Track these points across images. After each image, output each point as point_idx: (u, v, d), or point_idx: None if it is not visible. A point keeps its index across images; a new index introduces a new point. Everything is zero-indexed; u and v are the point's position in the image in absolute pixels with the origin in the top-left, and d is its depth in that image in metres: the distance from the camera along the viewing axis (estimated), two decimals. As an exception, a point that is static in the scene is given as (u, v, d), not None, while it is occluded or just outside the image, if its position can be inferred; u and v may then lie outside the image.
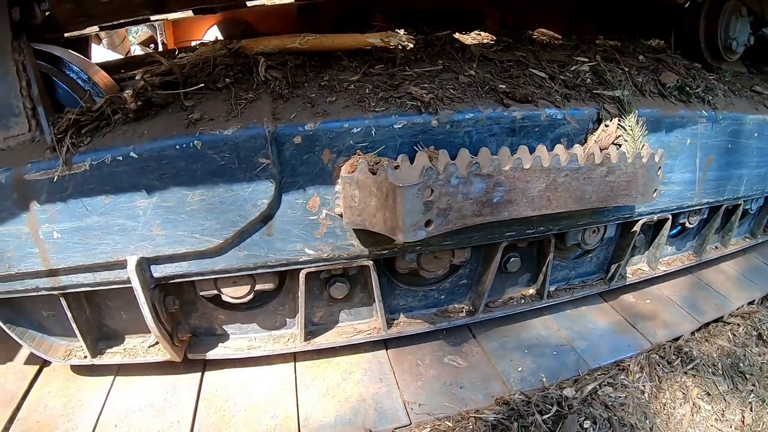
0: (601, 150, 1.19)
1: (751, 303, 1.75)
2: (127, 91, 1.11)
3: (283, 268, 1.14)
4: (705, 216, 1.67)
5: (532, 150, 1.13)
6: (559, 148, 1.15)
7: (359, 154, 1.05)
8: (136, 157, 1.05)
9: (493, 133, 1.14)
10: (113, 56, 2.72)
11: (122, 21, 1.35)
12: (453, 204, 0.99)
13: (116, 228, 1.09)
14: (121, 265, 1.10)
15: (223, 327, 1.25)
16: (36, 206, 1.05)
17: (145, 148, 1.05)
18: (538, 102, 1.18)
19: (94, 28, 1.42)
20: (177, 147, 1.04)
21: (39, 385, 1.26)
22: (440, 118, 1.09)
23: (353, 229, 1.12)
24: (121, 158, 1.05)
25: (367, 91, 1.13)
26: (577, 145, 1.19)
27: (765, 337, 1.62)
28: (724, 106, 1.54)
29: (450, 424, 1.16)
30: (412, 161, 1.05)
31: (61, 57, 1.21)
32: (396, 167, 1.03)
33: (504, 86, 1.19)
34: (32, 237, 1.07)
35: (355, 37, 1.21)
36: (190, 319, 1.24)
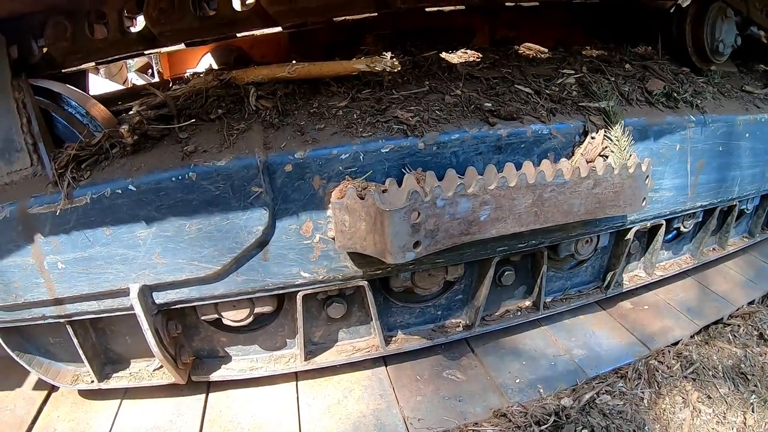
0: (587, 162, 1.21)
1: (751, 303, 1.76)
2: (123, 126, 1.15)
3: (280, 291, 1.17)
4: (700, 219, 1.68)
5: (518, 166, 1.16)
6: (545, 164, 1.18)
7: (348, 180, 1.08)
8: (134, 189, 1.09)
9: (479, 151, 1.17)
10: (111, 85, 2.78)
11: (117, 56, 1.40)
12: (440, 225, 1.03)
13: (118, 258, 1.13)
14: (125, 292, 1.14)
15: (226, 349, 1.29)
16: (40, 238, 1.09)
17: (142, 180, 1.09)
18: (524, 118, 1.21)
19: (91, 64, 1.47)
20: (173, 179, 1.09)
21: (47, 410, 1.30)
22: (426, 141, 1.12)
23: (347, 253, 1.15)
24: (120, 191, 1.09)
25: (355, 116, 1.16)
26: (563, 159, 1.22)
27: (766, 336, 1.62)
28: (714, 109, 1.56)
29: (449, 438, 1.19)
30: (399, 184, 1.09)
31: (60, 92, 1.25)
32: (384, 191, 1.07)
33: (489, 104, 1.22)
34: (38, 268, 1.12)
35: (342, 63, 1.25)
36: (192, 343, 1.28)
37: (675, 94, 1.48)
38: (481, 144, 1.16)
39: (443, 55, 1.50)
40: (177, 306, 1.18)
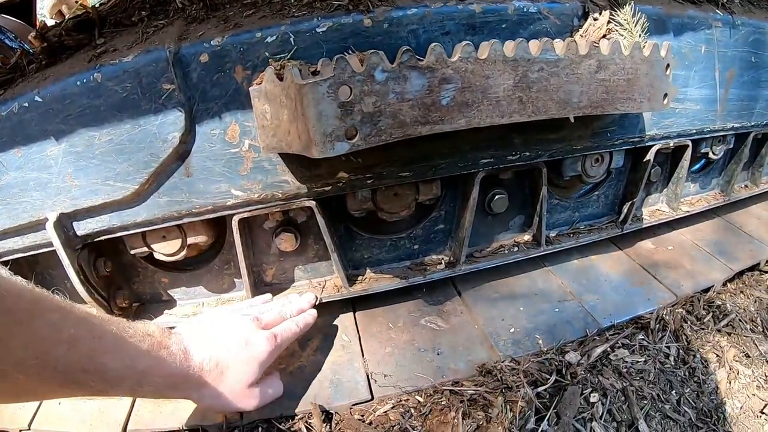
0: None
1: (792, 247, 1.25)
2: (31, 34, 0.84)
3: (211, 215, 0.81)
4: (731, 146, 1.20)
5: (498, 51, 0.76)
6: (532, 41, 0.76)
7: (271, 63, 0.71)
8: (41, 100, 0.76)
9: (446, 31, 0.77)
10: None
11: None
12: (383, 107, 0.63)
13: (32, 183, 0.80)
14: (44, 224, 0.82)
15: (168, 292, 0.94)
16: (-47, 167, 0.79)
17: (48, 90, 0.76)
18: (504, -6, 0.80)
19: None
20: (78, 83, 0.75)
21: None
22: (375, 17, 0.74)
23: (284, 162, 0.78)
24: (27, 104, 0.76)
25: (293, 0, 0.79)
26: (558, 40, 0.80)
27: (813, 285, 1.13)
28: (743, 12, 1.09)
29: (420, 399, 0.78)
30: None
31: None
32: (314, 72, 0.69)
33: (461, -19, 0.82)
34: (-44, 202, 0.82)
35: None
36: (132, 285, 0.94)
37: (697, -12, 1.03)
38: (448, 21, 0.76)
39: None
40: (101, 238, 0.84)
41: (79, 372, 0.54)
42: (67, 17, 0.92)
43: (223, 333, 0.72)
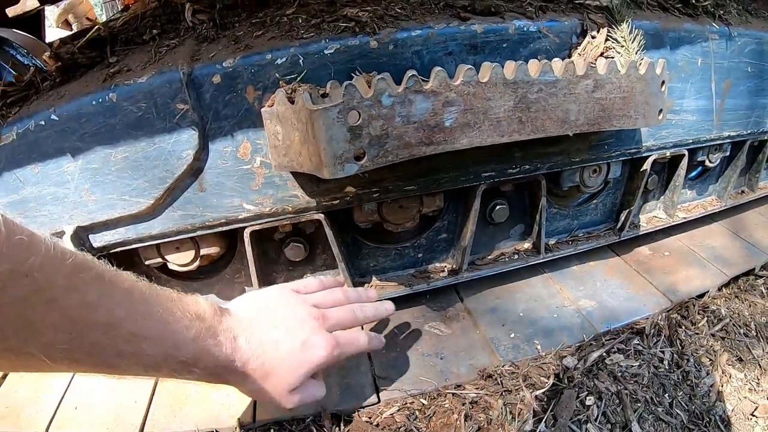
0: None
1: (788, 253, 1.28)
2: (46, 53, 0.87)
3: (224, 228, 0.85)
4: (728, 153, 1.22)
5: (499, 70, 0.78)
6: (531, 61, 0.79)
7: (282, 85, 0.74)
8: (57, 119, 0.79)
9: (449, 51, 0.80)
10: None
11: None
12: (390, 130, 0.67)
13: (49, 197, 0.84)
14: (61, 237, 0.86)
15: (182, 300, 0.98)
16: (-28, 183, 0.82)
17: (64, 108, 0.79)
18: (505, 14, 0.83)
19: (34, 2, 1.21)
20: (93, 103, 0.78)
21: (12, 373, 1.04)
22: (380, 39, 0.77)
23: (294, 177, 0.81)
24: (43, 122, 0.80)
25: (300, 21, 0.82)
26: (556, 59, 0.83)
27: (807, 290, 1.17)
28: (739, 23, 1.11)
29: (424, 402, 0.82)
30: (345, 87, 0.74)
31: (5, 37, 0.99)
32: (323, 95, 0.72)
33: (463, 0, 0.85)
34: (-29, 215, 0.85)
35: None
36: (147, 293, 0.97)
37: (693, 1, 1.05)
38: (451, 42, 0.79)
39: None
40: (116, 249, 0.88)
41: (113, 356, 0.48)
42: (76, 33, 0.94)
43: (280, 327, 0.63)
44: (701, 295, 1.11)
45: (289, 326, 0.64)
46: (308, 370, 0.64)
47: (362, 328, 0.88)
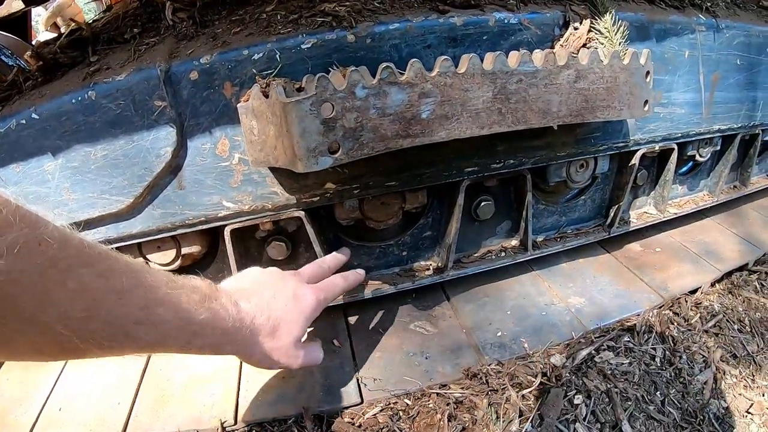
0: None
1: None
2: (27, 53, 0.87)
3: (204, 226, 0.84)
4: (718, 147, 1.21)
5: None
6: (511, 52, 0.78)
7: (258, 80, 0.74)
8: (38, 117, 0.79)
9: (427, 44, 0.79)
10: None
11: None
12: (365, 122, 0.66)
13: (31, 197, 0.83)
14: (42, 237, 0.85)
15: (165, 300, 0.97)
16: (-45, 184, 0.82)
17: (44, 107, 0.79)
18: (485, 6, 0.82)
19: (19, 4, 1.21)
20: (73, 101, 0.78)
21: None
22: (358, 32, 0.76)
23: (273, 174, 0.80)
24: (24, 121, 0.79)
25: (279, 17, 0.82)
26: (537, 50, 0.82)
27: (801, 285, 1.14)
28: (727, 16, 1.10)
29: (408, 402, 0.80)
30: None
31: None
32: (299, 89, 0.72)
33: (442, -6, 0.84)
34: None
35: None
36: (130, 294, 0.96)
37: (681, -6, 1.04)
38: (430, 35, 0.78)
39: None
40: (98, 249, 0.87)
41: (131, 324, 0.49)
42: (61, 34, 0.95)
43: (269, 287, 0.69)
44: (694, 291, 1.09)
45: (276, 285, 0.70)
46: (307, 318, 0.70)
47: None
